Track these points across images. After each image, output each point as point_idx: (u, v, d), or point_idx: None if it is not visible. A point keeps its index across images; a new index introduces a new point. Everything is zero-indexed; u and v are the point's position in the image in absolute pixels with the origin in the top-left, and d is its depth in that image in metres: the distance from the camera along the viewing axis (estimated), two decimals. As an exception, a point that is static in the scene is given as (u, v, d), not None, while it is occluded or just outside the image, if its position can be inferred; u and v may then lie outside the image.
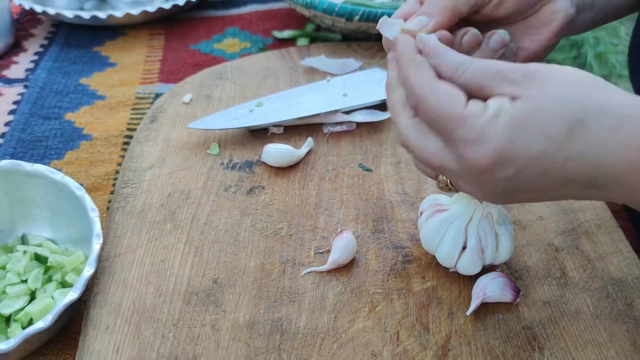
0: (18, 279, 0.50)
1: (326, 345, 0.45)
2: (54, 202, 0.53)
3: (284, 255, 0.52)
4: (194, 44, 0.84)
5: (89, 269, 0.46)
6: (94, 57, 0.82)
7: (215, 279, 0.50)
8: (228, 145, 0.63)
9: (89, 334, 0.46)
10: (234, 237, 0.54)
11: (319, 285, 0.50)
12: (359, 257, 0.52)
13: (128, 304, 0.48)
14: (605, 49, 2.52)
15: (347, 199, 0.57)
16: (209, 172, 0.60)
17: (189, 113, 0.67)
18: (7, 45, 0.83)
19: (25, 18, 0.91)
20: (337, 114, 0.65)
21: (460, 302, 0.49)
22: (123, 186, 0.58)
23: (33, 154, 0.66)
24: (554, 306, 0.48)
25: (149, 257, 0.52)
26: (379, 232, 0.54)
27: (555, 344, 0.46)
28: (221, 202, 0.57)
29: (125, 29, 0.88)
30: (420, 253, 0.52)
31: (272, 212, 0.56)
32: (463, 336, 0.46)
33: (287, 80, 0.73)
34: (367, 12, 0.74)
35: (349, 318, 0.47)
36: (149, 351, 0.45)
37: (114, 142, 0.68)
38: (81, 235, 0.52)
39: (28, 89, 0.75)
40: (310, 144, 0.62)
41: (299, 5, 0.78)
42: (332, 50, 0.77)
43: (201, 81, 0.72)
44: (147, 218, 0.55)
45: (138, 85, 0.77)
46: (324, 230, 0.54)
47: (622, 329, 0.47)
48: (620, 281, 0.50)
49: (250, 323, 0.47)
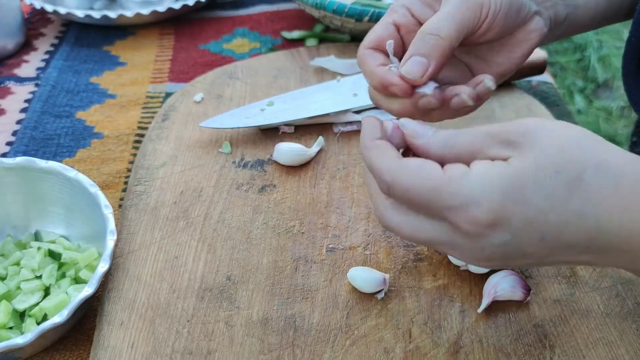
0: (32, 274, 0.50)
1: (339, 341, 0.46)
2: (68, 199, 0.54)
3: (296, 253, 0.52)
4: (204, 44, 0.85)
5: (104, 265, 0.47)
6: (104, 56, 0.83)
7: (228, 276, 0.51)
8: (240, 144, 0.64)
9: (103, 330, 0.47)
10: (246, 234, 0.54)
11: (331, 283, 0.50)
12: (371, 256, 0.52)
13: (142, 299, 0.49)
14: (609, 52, 2.53)
15: (358, 197, 0.58)
16: (221, 170, 0.60)
17: (201, 112, 0.68)
18: (18, 44, 0.83)
19: (35, 17, 0.92)
20: (347, 113, 0.66)
21: (471, 300, 0.49)
22: (136, 184, 0.59)
23: (45, 151, 0.66)
24: (565, 305, 0.49)
25: (162, 253, 0.52)
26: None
27: (566, 342, 0.46)
28: (233, 200, 0.57)
29: (135, 28, 0.89)
30: (431, 251, 0.53)
31: (283, 210, 0.56)
32: (474, 334, 0.47)
33: (298, 79, 0.73)
34: (377, 13, 0.74)
35: (361, 315, 0.48)
36: (163, 347, 0.46)
37: (125, 141, 0.68)
38: (94, 232, 0.52)
39: (39, 88, 0.76)
40: (321, 143, 0.63)
41: (308, 5, 0.78)
42: (342, 50, 0.78)
43: (212, 80, 0.73)
44: (160, 215, 0.56)
45: (148, 84, 0.77)
46: (336, 229, 0.55)
47: (632, 327, 0.47)
48: (630, 280, 0.51)
49: (263, 319, 0.47)
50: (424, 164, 0.34)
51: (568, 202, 0.32)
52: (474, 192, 0.32)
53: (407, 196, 0.34)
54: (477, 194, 0.32)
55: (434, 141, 0.36)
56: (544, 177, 0.32)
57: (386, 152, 0.36)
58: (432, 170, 0.34)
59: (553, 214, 0.32)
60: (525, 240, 0.33)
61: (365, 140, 0.37)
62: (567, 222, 0.32)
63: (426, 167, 0.34)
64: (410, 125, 0.38)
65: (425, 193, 0.33)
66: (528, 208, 0.32)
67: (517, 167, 0.32)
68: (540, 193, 0.32)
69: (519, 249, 0.34)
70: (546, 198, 0.32)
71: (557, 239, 0.33)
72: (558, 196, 0.32)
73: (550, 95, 0.75)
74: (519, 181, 0.32)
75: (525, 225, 0.32)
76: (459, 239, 0.34)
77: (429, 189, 0.33)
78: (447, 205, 0.33)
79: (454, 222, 0.33)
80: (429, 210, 0.34)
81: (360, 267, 0.50)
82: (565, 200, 0.32)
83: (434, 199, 0.33)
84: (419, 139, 0.36)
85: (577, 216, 0.32)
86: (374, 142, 0.37)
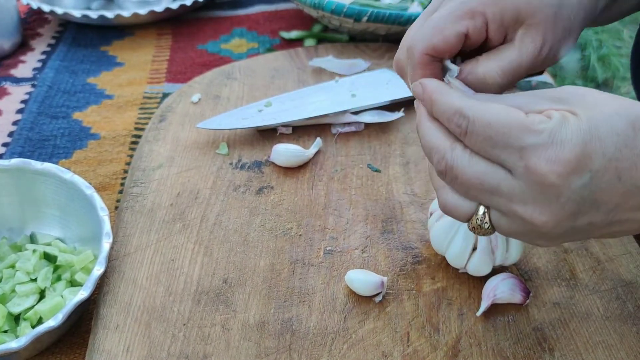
0: (27, 277, 0.50)
1: (337, 345, 0.45)
2: (64, 201, 0.53)
3: (293, 256, 0.52)
4: (202, 44, 0.84)
5: (99, 268, 0.46)
6: (102, 56, 0.82)
7: (225, 279, 0.50)
8: (237, 145, 0.63)
9: (99, 333, 0.46)
10: (243, 236, 0.54)
11: (328, 286, 0.50)
12: (368, 258, 0.52)
13: (138, 303, 0.48)
14: (609, 51, 2.52)
15: (356, 199, 0.57)
16: (218, 172, 0.60)
17: (198, 113, 0.68)
18: (15, 44, 0.83)
19: (32, 17, 0.91)
20: (345, 114, 0.65)
21: (470, 303, 0.48)
22: (132, 185, 0.58)
23: (41, 153, 0.66)
24: (564, 307, 0.48)
25: (158, 256, 0.52)
26: (388, 232, 0.54)
27: (565, 346, 0.46)
28: (230, 202, 0.57)
29: (132, 28, 0.88)
30: (429, 254, 0.52)
31: (281, 212, 0.56)
32: (473, 337, 0.46)
33: (296, 80, 0.73)
34: (375, 13, 0.74)
35: (359, 318, 0.47)
36: (159, 350, 0.45)
37: (121, 142, 0.68)
38: (90, 234, 0.52)
39: (36, 88, 0.75)
40: (319, 144, 0.62)
41: (306, 5, 0.78)
42: (340, 50, 0.77)
43: (210, 81, 0.72)
44: (157, 217, 0.55)
45: (146, 84, 0.77)
46: (333, 231, 0.54)
47: (633, 330, 0.47)
48: (630, 283, 0.50)
49: (260, 323, 0.47)
50: (502, 106, 0.34)
51: (635, 140, 0.33)
52: (560, 132, 0.33)
53: (487, 133, 0.34)
54: (562, 134, 0.33)
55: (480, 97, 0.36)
56: (611, 118, 0.33)
57: (465, 93, 0.37)
58: (513, 111, 0.34)
59: (626, 150, 0.33)
60: (604, 182, 0.34)
61: (438, 86, 0.37)
62: (637, 163, 0.33)
63: (507, 108, 0.34)
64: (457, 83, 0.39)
65: (508, 129, 0.33)
66: (606, 146, 0.33)
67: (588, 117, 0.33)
68: (613, 132, 0.33)
69: (594, 198, 0.34)
70: (619, 135, 0.33)
71: (631, 177, 0.34)
72: (628, 134, 0.33)
73: (550, 96, 0.74)
74: (593, 124, 0.33)
75: (604, 163, 0.33)
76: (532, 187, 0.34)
77: (513, 125, 0.33)
78: (530, 143, 0.33)
79: (534, 163, 0.33)
80: (506, 151, 0.34)
81: (358, 270, 0.50)
82: (632, 139, 0.33)
83: (516, 136, 0.33)
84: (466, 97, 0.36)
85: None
86: (448, 89, 0.37)
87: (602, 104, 0.34)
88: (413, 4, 0.79)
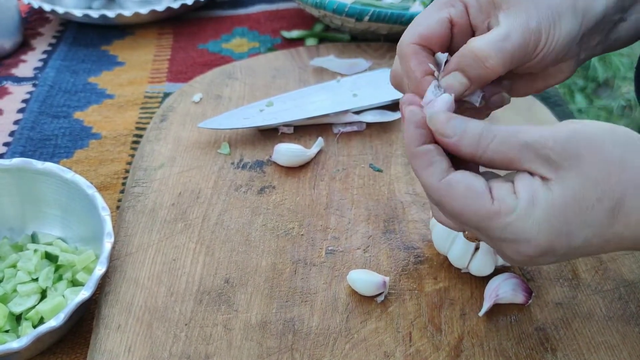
0: (29, 277, 0.50)
1: (339, 345, 0.45)
2: (65, 200, 0.53)
3: (295, 255, 0.52)
4: (202, 44, 0.84)
5: (101, 268, 0.46)
6: (102, 56, 0.82)
7: (227, 279, 0.50)
8: (238, 145, 0.63)
9: (100, 333, 0.46)
10: (245, 236, 0.54)
11: (330, 285, 0.50)
12: (370, 258, 0.52)
13: (140, 303, 0.48)
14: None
15: (357, 199, 0.57)
16: (219, 172, 0.60)
17: (199, 112, 0.67)
18: (16, 44, 0.83)
19: (33, 17, 0.91)
20: (347, 114, 0.65)
21: (472, 303, 0.48)
22: (133, 185, 0.58)
23: (42, 152, 0.66)
24: (566, 308, 0.48)
25: (160, 256, 0.52)
26: (390, 232, 0.54)
27: (568, 346, 0.46)
28: (232, 202, 0.57)
29: (133, 28, 0.88)
30: (431, 254, 0.52)
31: (283, 211, 0.56)
32: (475, 337, 0.46)
33: (297, 80, 0.73)
34: (376, 13, 0.73)
35: (361, 319, 0.47)
36: (161, 350, 0.45)
37: (123, 141, 0.68)
38: (91, 234, 0.52)
39: (37, 88, 0.75)
40: (321, 144, 0.62)
41: (308, 5, 0.78)
42: (342, 50, 0.77)
43: (211, 80, 0.72)
44: (158, 217, 0.55)
45: (147, 84, 0.77)
46: (335, 231, 0.54)
47: (635, 330, 0.47)
48: (633, 283, 0.50)
49: (262, 323, 0.47)
50: (471, 185, 0.35)
51: (610, 228, 0.34)
52: (525, 231, 0.34)
53: (455, 217, 0.36)
54: (527, 233, 0.34)
55: (465, 143, 0.35)
56: (587, 208, 0.33)
57: (432, 166, 0.36)
58: (480, 198, 0.34)
59: (596, 239, 0.34)
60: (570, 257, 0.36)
61: (409, 147, 0.37)
62: (609, 241, 0.35)
63: (474, 190, 0.35)
64: (440, 117, 0.36)
65: (475, 222, 0.35)
66: (573, 239, 0.34)
67: (560, 196, 0.33)
68: (584, 224, 0.34)
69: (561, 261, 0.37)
70: (590, 226, 0.34)
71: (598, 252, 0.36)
72: (601, 224, 0.34)
73: (552, 96, 0.74)
74: (563, 214, 0.33)
75: (569, 250, 0.35)
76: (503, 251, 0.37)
77: (479, 218, 0.35)
78: (497, 236, 0.35)
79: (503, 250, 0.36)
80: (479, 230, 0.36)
81: (360, 270, 0.50)
82: (607, 227, 0.34)
83: (484, 227, 0.35)
84: (449, 139, 0.36)
85: (618, 238, 0.35)
86: (418, 151, 0.36)
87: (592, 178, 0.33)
88: (414, 4, 0.79)
